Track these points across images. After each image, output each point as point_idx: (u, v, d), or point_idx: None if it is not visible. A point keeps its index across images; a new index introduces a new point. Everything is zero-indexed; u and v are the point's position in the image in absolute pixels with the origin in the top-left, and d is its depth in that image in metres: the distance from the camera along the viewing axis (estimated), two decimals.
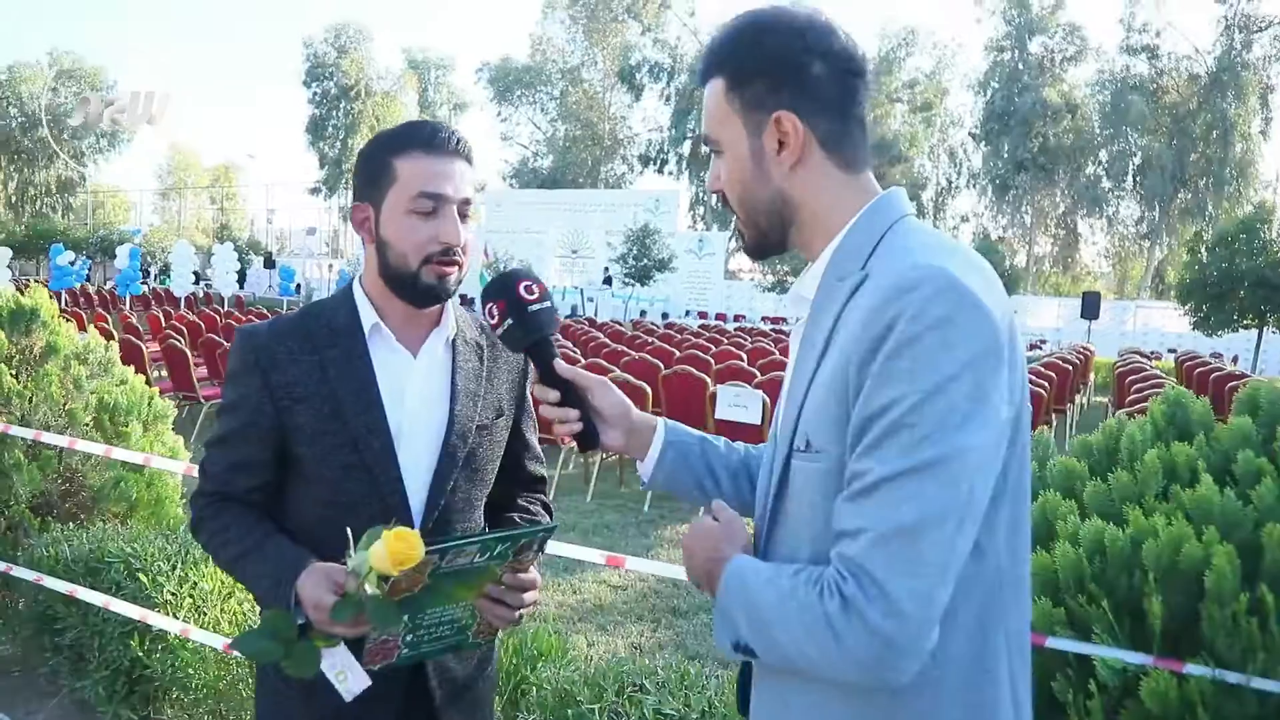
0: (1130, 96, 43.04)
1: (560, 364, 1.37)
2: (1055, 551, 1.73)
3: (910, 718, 1.07)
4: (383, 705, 1.55)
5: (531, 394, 1.41)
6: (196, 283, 26.02)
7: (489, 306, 1.39)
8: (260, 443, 1.54)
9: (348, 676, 1.46)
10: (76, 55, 52.48)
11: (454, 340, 1.63)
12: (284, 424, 1.52)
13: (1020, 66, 46.93)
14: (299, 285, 33.90)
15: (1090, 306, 23.80)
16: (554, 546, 2.05)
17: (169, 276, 29.08)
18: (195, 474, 1.65)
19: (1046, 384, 9.33)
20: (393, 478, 1.54)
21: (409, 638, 1.43)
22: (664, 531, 6.53)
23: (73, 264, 24.88)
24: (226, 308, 21.24)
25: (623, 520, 6.75)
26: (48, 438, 3.53)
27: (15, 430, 3.61)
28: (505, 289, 1.37)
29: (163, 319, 14.84)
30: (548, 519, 1.81)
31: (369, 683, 1.44)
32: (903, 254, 1.08)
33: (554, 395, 1.36)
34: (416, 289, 1.52)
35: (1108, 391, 15.10)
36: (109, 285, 27.70)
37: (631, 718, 2.35)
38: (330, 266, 36.38)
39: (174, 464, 3.52)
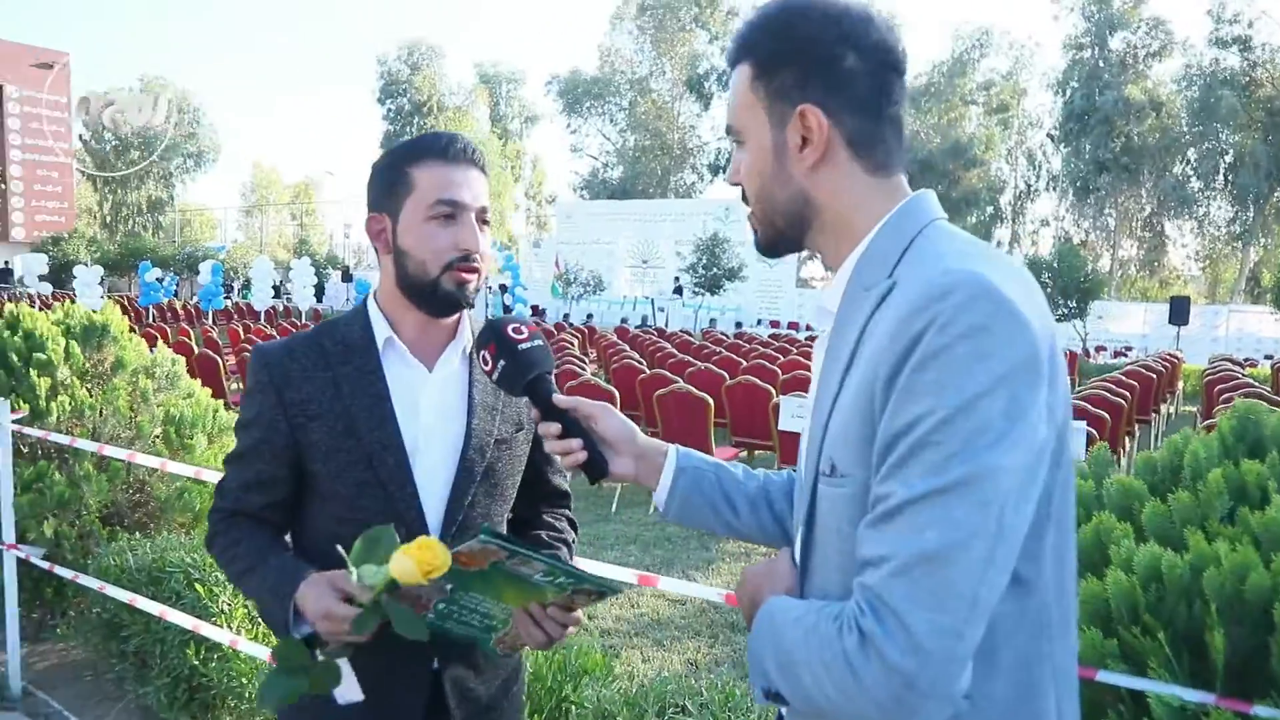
0: (1221, 91, 41.23)
1: (559, 396, 1.33)
2: (1108, 578, 1.61)
3: None
4: (408, 712, 1.52)
5: (537, 429, 1.37)
6: (276, 297, 26.82)
7: (481, 354, 1.38)
8: (275, 460, 1.54)
9: (344, 687, 1.45)
10: (165, 79, 54.85)
11: (471, 352, 1.60)
12: (298, 441, 1.52)
13: (1101, 64, 45.48)
14: None
15: (1179, 311, 22.94)
16: (583, 563, 2.00)
17: (250, 291, 30.07)
18: None
19: (1128, 393, 8.94)
20: (408, 493, 1.51)
21: (442, 606, 1.38)
22: (726, 544, 6.43)
23: (160, 280, 25.89)
24: (303, 321, 21.84)
25: (684, 532, 6.67)
26: (110, 450, 3.63)
27: (81, 443, 3.72)
28: (494, 333, 1.36)
29: (241, 332, 15.32)
30: (573, 535, 1.78)
31: (361, 698, 1.43)
32: (933, 259, 0.99)
33: (555, 428, 1.32)
34: (436, 297, 1.50)
35: (1197, 401, 14.46)
36: (194, 300, 28.76)
37: None
38: None
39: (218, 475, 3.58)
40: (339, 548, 1.33)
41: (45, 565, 3.77)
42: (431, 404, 1.56)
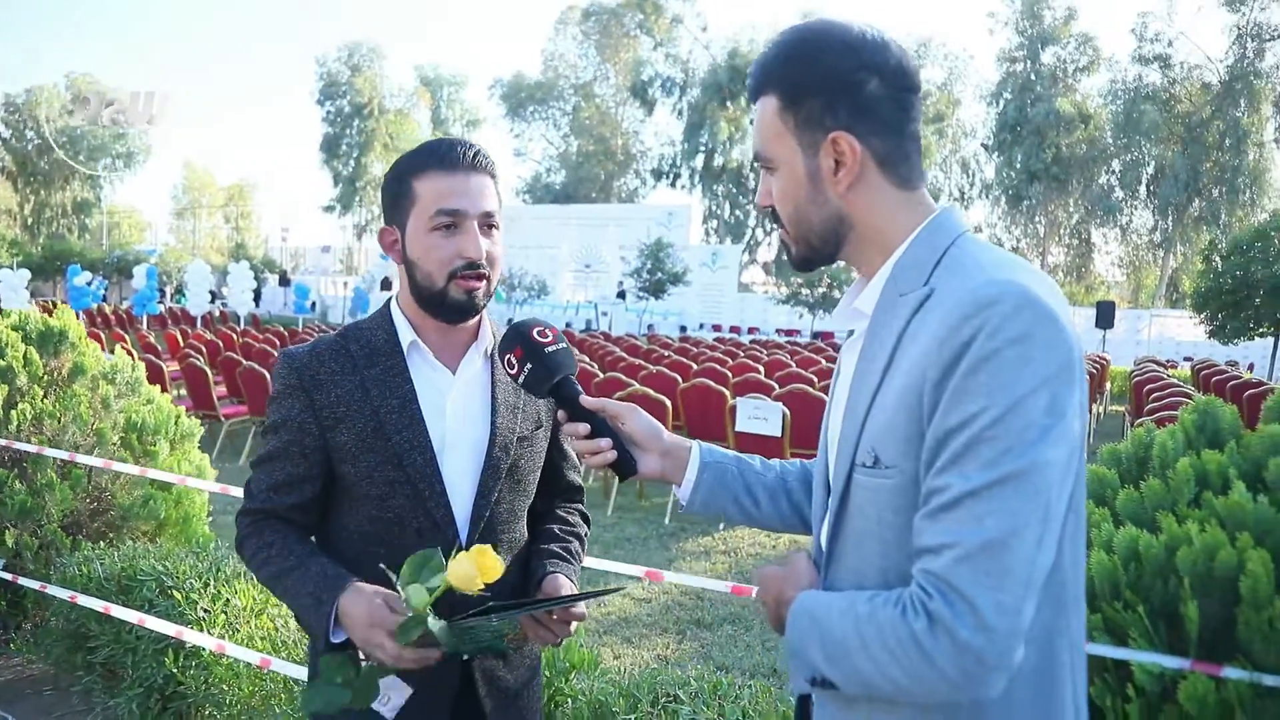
0: (1143, 106, 42.88)
1: (586, 398, 1.39)
2: (1090, 559, 1.74)
3: None
4: (434, 717, 1.57)
5: (564, 430, 1.42)
6: (212, 302, 26.21)
7: (507, 357, 1.42)
8: (305, 461, 1.58)
9: (390, 696, 1.50)
10: (93, 77, 53.14)
11: (492, 353, 1.65)
12: (328, 443, 1.56)
13: (1033, 77, 46.88)
14: (314, 303, 34.10)
15: (1105, 316, 23.70)
16: (590, 561, 2.07)
17: (184, 296, 29.29)
18: (227, 492, 1.68)
19: None
20: (437, 491, 1.57)
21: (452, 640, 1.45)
22: (685, 544, 6.54)
23: (89, 284, 25.10)
24: (243, 326, 21.39)
25: (644, 533, 6.76)
26: (83, 459, 3.58)
27: (50, 451, 3.66)
28: (521, 337, 1.41)
29: (180, 338, 14.96)
30: (585, 529, 1.85)
31: (410, 691, 1.48)
32: (975, 270, 1.07)
33: (584, 429, 1.38)
34: (445, 305, 1.55)
35: (1124, 401, 15.03)
36: (125, 305, 27.93)
37: None
38: (345, 284, 36.55)
39: (206, 484, 3.56)
40: (384, 567, 1.37)
41: (8, 577, 3.69)
42: (457, 405, 1.61)
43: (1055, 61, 47.03)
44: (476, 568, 1.29)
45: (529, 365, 1.40)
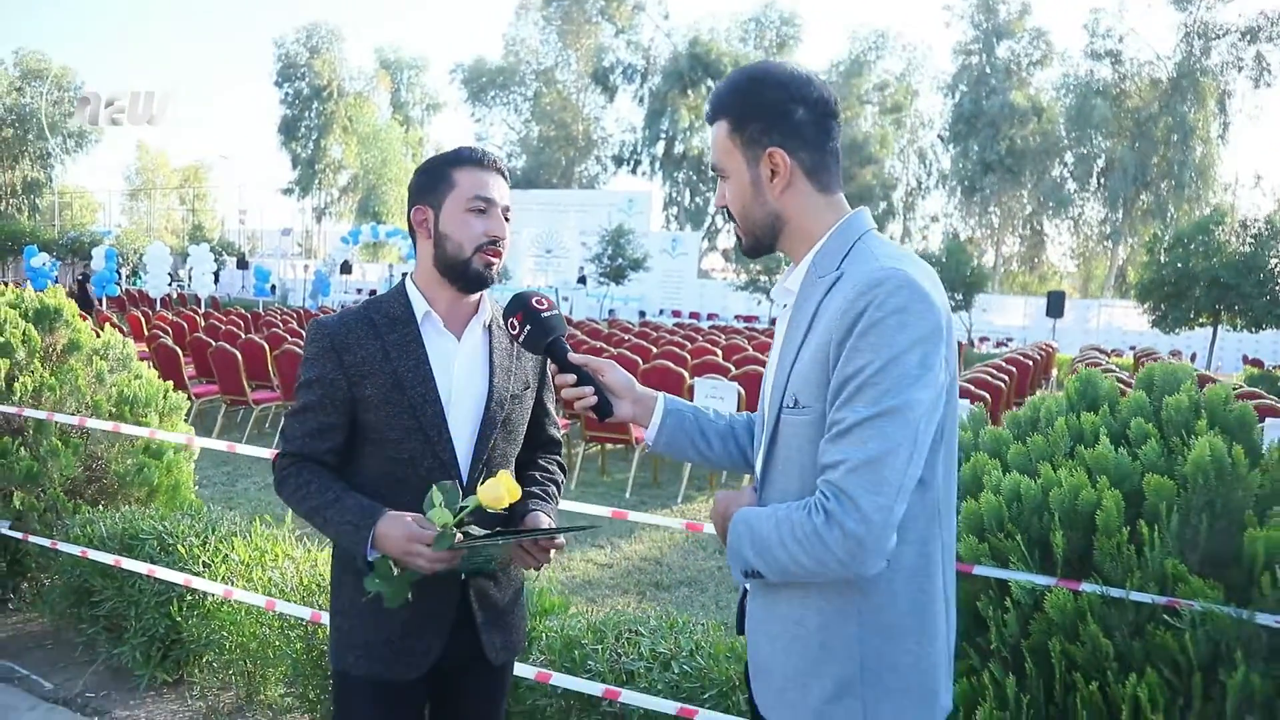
0: (1094, 100, 44.05)
1: (573, 355, 1.74)
2: (981, 500, 2.12)
3: (871, 609, 1.43)
4: (435, 624, 1.90)
5: (554, 381, 1.76)
6: (170, 284, 26.02)
7: (510, 320, 1.77)
8: (335, 411, 1.88)
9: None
10: (42, 55, 51.96)
11: (490, 325, 1.99)
12: (354, 396, 1.87)
13: (988, 70, 47.85)
14: (274, 286, 33.84)
15: (1055, 305, 24.45)
16: (570, 505, 2.41)
17: (139, 278, 28.98)
18: (234, 450, 1.97)
19: (1007, 378, 9.80)
20: (445, 438, 1.89)
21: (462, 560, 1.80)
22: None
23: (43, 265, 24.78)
24: (204, 309, 21.33)
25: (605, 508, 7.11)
26: (93, 423, 3.84)
27: (61, 417, 3.91)
28: (522, 304, 1.76)
29: (144, 321, 14.99)
30: (562, 476, 2.18)
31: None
32: (871, 258, 1.41)
33: (572, 379, 1.72)
34: (468, 275, 1.88)
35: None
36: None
37: (630, 656, 2.72)
38: (306, 267, 36.31)
39: (215, 443, 3.82)
40: (428, 495, 1.74)
41: (18, 535, 3.94)
42: (461, 367, 1.94)
43: (1009, 55, 48.04)
44: (504, 489, 1.65)
45: (528, 327, 1.75)
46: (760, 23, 52.22)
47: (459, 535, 1.69)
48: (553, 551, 1.90)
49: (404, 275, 2.02)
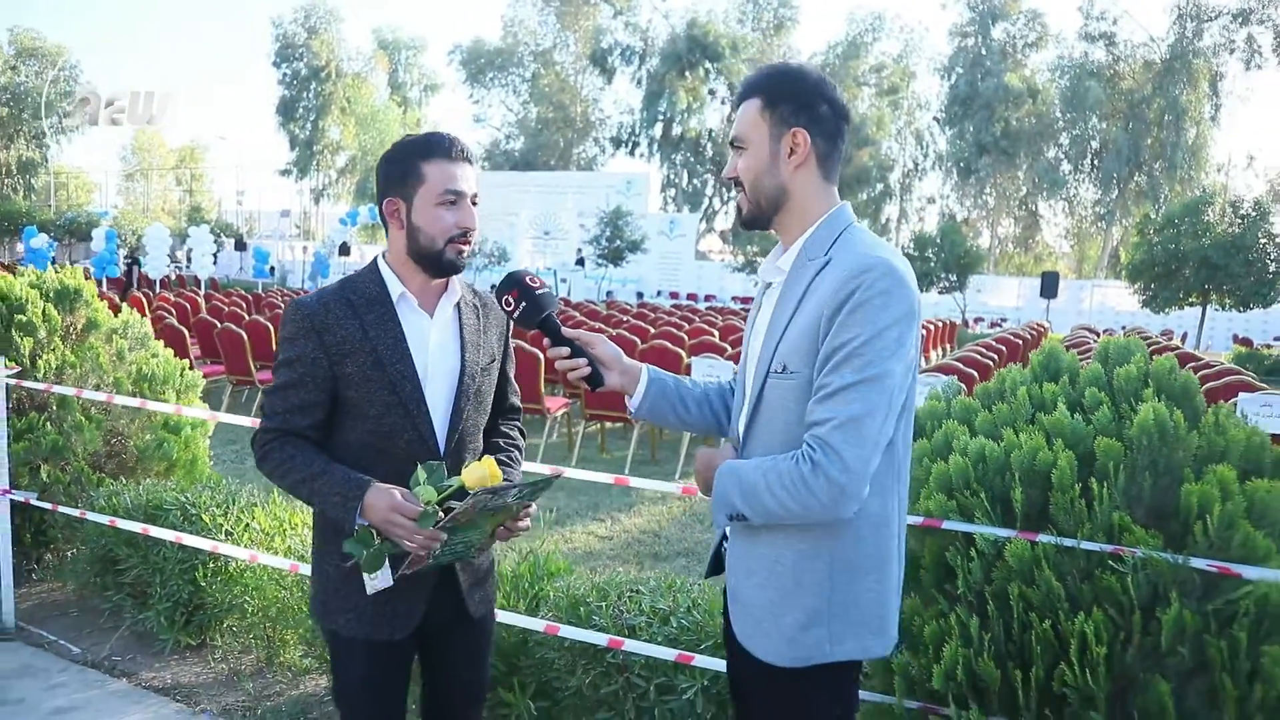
0: (1088, 82, 44.13)
1: (566, 330, 1.90)
2: (950, 462, 2.33)
3: (840, 550, 1.64)
4: (420, 588, 2.03)
5: (548, 354, 1.90)
6: (169, 265, 26.12)
7: (505, 297, 1.87)
8: (316, 388, 1.95)
9: (378, 578, 1.94)
10: (37, 33, 51.77)
11: (459, 304, 2.10)
12: (335, 374, 1.94)
13: (983, 52, 47.83)
14: (273, 268, 33.91)
15: (1049, 286, 24.64)
16: (573, 473, 2.61)
17: (140, 259, 29.05)
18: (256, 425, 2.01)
19: (996, 356, 10.03)
20: (423, 410, 1.98)
21: (438, 550, 1.88)
22: (642, 490, 7.12)
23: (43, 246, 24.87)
24: (204, 290, 21.46)
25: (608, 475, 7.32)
26: (120, 399, 4.03)
27: (87, 393, 4.11)
28: (516, 282, 1.87)
29: (146, 302, 15.14)
30: (523, 441, 2.32)
31: (390, 584, 1.93)
32: (858, 248, 1.63)
33: (565, 351, 1.87)
34: (440, 264, 1.96)
35: None
36: (81, 267, 27.52)
37: (631, 612, 2.94)
38: (305, 249, 36.36)
39: (239, 419, 4.00)
40: (414, 474, 1.86)
41: (47, 505, 4.14)
42: (435, 342, 2.03)
43: (1005, 37, 48.02)
44: (488, 473, 1.82)
45: (523, 304, 1.85)
46: (758, 4, 52.13)
47: (441, 514, 1.80)
48: (527, 520, 2.02)
49: (376, 256, 2.08)
